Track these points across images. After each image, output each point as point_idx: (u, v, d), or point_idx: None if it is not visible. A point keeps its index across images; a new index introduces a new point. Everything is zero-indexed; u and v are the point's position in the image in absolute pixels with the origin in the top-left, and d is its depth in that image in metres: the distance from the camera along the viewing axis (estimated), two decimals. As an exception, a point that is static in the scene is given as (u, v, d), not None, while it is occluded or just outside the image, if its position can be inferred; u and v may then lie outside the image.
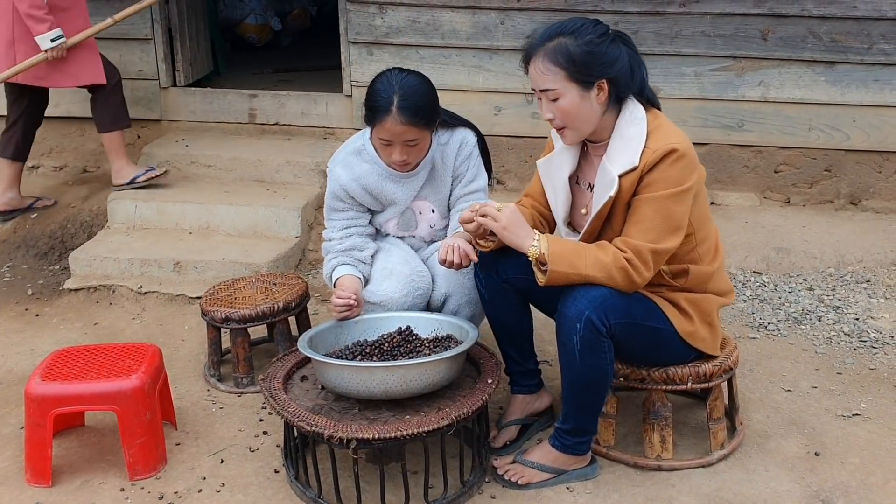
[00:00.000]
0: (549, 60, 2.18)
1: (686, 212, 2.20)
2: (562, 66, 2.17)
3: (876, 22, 4.03)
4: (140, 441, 2.42)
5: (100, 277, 3.71)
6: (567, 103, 2.19)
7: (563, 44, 2.18)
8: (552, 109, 2.22)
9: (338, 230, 2.69)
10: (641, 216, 2.18)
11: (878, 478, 2.39)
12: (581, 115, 2.21)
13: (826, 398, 2.80)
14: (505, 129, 4.41)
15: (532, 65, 2.22)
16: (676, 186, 2.16)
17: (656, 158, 2.15)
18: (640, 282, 2.18)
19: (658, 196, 2.16)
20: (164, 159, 4.34)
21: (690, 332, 2.32)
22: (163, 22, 4.59)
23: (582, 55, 2.17)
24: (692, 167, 2.19)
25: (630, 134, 2.21)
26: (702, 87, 4.22)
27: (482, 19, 4.30)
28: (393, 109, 2.43)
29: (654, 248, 2.16)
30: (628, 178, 2.19)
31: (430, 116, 2.50)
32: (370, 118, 2.51)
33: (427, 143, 2.57)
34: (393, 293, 2.59)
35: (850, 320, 3.30)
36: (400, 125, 2.44)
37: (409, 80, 2.48)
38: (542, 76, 2.19)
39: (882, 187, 4.27)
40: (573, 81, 2.17)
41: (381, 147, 2.55)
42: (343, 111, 4.57)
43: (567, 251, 2.19)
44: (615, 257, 2.17)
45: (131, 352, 2.57)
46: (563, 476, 2.38)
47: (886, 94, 4.12)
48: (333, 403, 2.32)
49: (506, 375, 2.61)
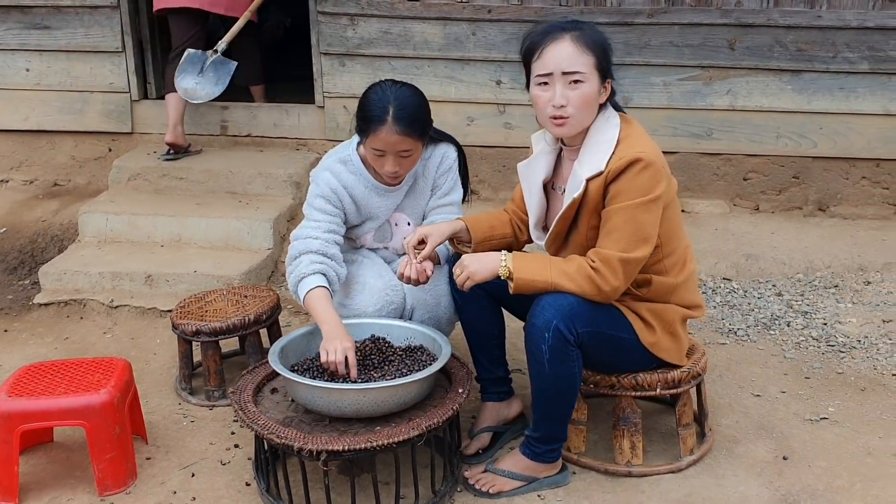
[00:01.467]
0: (583, 43, 2.17)
1: (656, 221, 2.22)
2: (594, 52, 2.18)
3: (840, 31, 4.10)
4: (109, 456, 2.40)
5: (70, 292, 3.68)
6: (589, 89, 2.19)
7: (590, 32, 2.20)
8: (568, 95, 2.19)
9: (322, 231, 2.56)
10: (611, 226, 2.20)
11: (844, 480, 2.42)
12: (591, 107, 2.23)
13: (794, 402, 2.83)
14: (478, 139, 4.44)
15: (554, 47, 2.18)
16: (644, 196, 2.18)
17: (621, 167, 2.17)
18: (608, 290, 2.20)
19: (626, 206, 2.18)
20: (135, 172, 4.32)
21: (652, 342, 2.34)
22: (133, 35, 4.58)
23: (608, 48, 2.22)
24: (659, 177, 2.21)
25: (603, 139, 2.24)
26: (671, 97, 4.27)
27: (453, 30, 4.33)
28: (388, 119, 2.43)
29: (623, 256, 2.18)
30: (595, 182, 2.21)
31: (423, 127, 2.51)
32: (364, 128, 2.49)
33: (419, 154, 2.57)
34: (367, 307, 2.59)
35: (819, 325, 3.34)
36: (395, 135, 2.44)
37: (403, 91, 2.49)
38: (576, 57, 2.17)
39: (849, 193, 4.33)
40: (598, 70, 2.20)
41: (374, 158, 2.53)
42: (315, 122, 4.57)
43: (533, 261, 2.23)
44: (580, 267, 2.20)
45: (100, 366, 2.55)
46: (534, 484, 2.39)
47: (852, 101, 4.19)
48: (304, 416, 2.32)
49: (477, 384, 2.62)
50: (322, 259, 2.52)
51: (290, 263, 2.55)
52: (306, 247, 2.53)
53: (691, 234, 3.99)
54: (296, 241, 2.56)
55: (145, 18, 4.65)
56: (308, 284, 2.48)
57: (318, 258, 2.52)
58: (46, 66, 4.64)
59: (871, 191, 4.32)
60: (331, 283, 2.52)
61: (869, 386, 2.93)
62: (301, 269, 2.50)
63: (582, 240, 2.28)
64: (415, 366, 2.36)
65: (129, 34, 4.55)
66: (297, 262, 2.53)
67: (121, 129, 4.69)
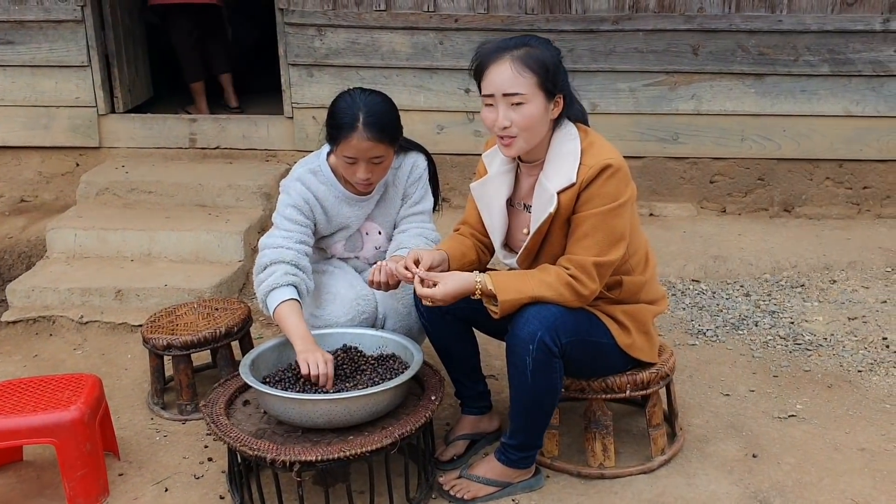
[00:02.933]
0: (522, 64, 2.15)
1: (626, 224, 2.24)
2: (535, 71, 2.16)
3: (801, 35, 4.18)
4: (80, 473, 2.38)
5: (39, 308, 3.64)
6: (532, 110, 2.17)
7: (535, 52, 2.18)
8: (511, 116, 2.18)
9: (294, 241, 2.55)
10: (583, 233, 2.21)
11: (812, 476, 2.46)
12: (537, 126, 2.21)
13: (763, 401, 2.88)
14: (448, 147, 4.46)
15: (495, 69, 2.17)
16: (614, 201, 2.20)
17: (592, 174, 2.19)
18: (587, 294, 2.22)
19: (598, 212, 2.19)
20: (103, 187, 4.29)
21: (629, 343, 2.37)
22: (99, 49, 4.55)
23: (554, 65, 2.19)
24: (627, 180, 2.24)
25: (565, 150, 2.24)
26: (637, 102, 4.32)
27: (421, 39, 4.35)
28: (359, 126, 2.43)
29: (597, 261, 2.20)
30: (566, 194, 2.22)
31: (394, 133, 2.52)
32: (334, 136, 2.49)
33: (391, 161, 2.57)
34: (338, 317, 2.59)
35: (786, 324, 3.40)
36: (366, 141, 2.44)
37: (372, 98, 2.50)
38: (515, 79, 2.15)
39: (813, 194, 4.41)
40: (541, 90, 2.17)
41: (345, 166, 2.52)
42: (284, 133, 4.57)
43: (511, 279, 2.23)
44: (558, 275, 2.21)
45: (70, 383, 2.53)
46: (508, 488, 2.40)
47: (814, 103, 4.27)
48: (276, 427, 2.31)
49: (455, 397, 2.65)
50: (295, 271, 2.51)
51: (260, 272, 2.53)
52: (279, 256, 2.52)
53: (660, 237, 4.06)
54: (267, 249, 2.55)
55: (111, 32, 4.62)
56: (279, 296, 2.47)
57: (291, 269, 2.51)
58: (11, 82, 4.60)
59: (834, 191, 4.40)
60: (301, 296, 2.51)
61: (835, 383, 2.98)
62: (273, 280, 2.49)
63: (555, 250, 2.29)
64: (387, 374, 2.37)
65: (94, 48, 4.53)
66: (269, 272, 2.51)
67: (88, 143, 4.66)
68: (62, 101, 4.60)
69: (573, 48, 4.24)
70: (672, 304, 3.58)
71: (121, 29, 4.71)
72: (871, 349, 3.18)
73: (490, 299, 2.23)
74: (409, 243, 2.66)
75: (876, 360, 3.11)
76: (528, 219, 2.36)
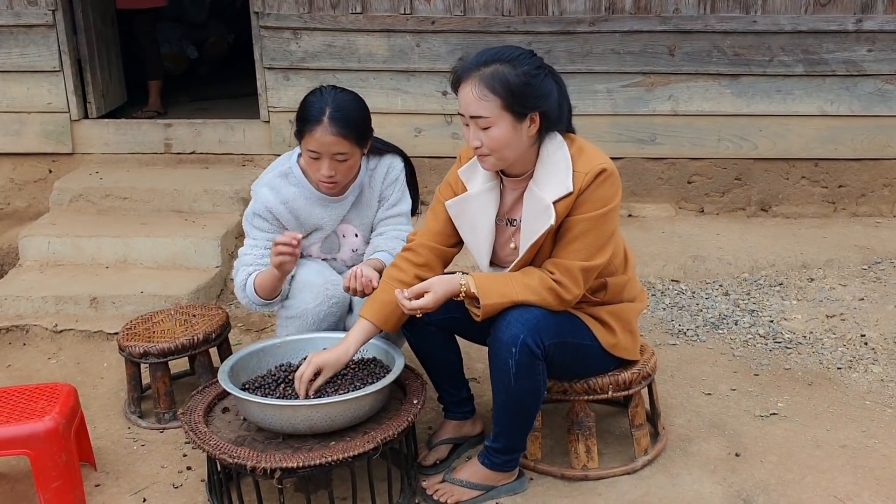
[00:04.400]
0: (485, 87, 2.10)
1: (614, 228, 2.23)
2: (499, 94, 2.10)
3: (775, 35, 4.21)
4: (56, 485, 2.33)
5: (12, 318, 3.58)
6: (499, 133, 2.13)
7: (500, 71, 2.11)
8: (480, 137, 2.15)
9: (259, 248, 2.61)
10: (573, 236, 2.19)
11: (794, 474, 2.47)
12: (510, 146, 2.16)
13: (745, 399, 2.88)
14: (426, 149, 4.44)
15: (464, 89, 2.14)
16: (605, 206, 2.18)
17: (588, 181, 2.16)
18: (570, 299, 2.20)
19: (588, 217, 2.17)
20: (77, 193, 4.23)
21: (613, 343, 2.36)
22: (71, 53, 4.49)
23: (520, 85, 2.11)
24: (618, 185, 2.22)
25: (556, 160, 2.20)
26: (614, 104, 4.33)
27: (398, 42, 4.33)
28: (324, 119, 2.42)
29: (584, 265, 2.18)
30: (563, 203, 2.18)
31: (360, 132, 2.49)
32: (300, 130, 2.49)
33: (357, 162, 2.55)
34: (307, 304, 2.57)
35: (765, 323, 3.41)
36: (330, 135, 2.43)
37: (342, 95, 2.49)
38: (477, 102, 2.11)
39: (790, 193, 4.44)
40: (508, 111, 2.12)
41: (310, 162, 2.51)
42: (261, 137, 4.53)
43: (495, 282, 2.21)
44: (541, 279, 2.19)
45: (44, 393, 2.48)
46: (492, 492, 2.38)
47: (789, 103, 4.30)
48: (257, 434, 2.28)
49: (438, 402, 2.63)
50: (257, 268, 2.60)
51: (241, 290, 2.62)
52: (241, 265, 2.64)
53: (638, 237, 4.07)
54: (240, 267, 2.64)
55: (83, 36, 4.56)
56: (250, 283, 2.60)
57: (253, 267, 2.61)
58: (-19, 88, 4.53)
59: (810, 190, 4.43)
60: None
61: (815, 380, 2.99)
62: (241, 279, 2.61)
63: (546, 257, 2.26)
64: (368, 378, 2.34)
65: (66, 53, 4.46)
66: (236, 277, 2.64)
67: (61, 149, 4.59)
68: (34, 106, 4.53)
69: (550, 49, 4.24)
70: (652, 305, 3.58)
71: (93, 33, 4.66)
72: (849, 346, 3.20)
73: (472, 301, 2.21)
74: (386, 246, 2.65)
75: (855, 357, 3.13)
76: (512, 233, 2.33)
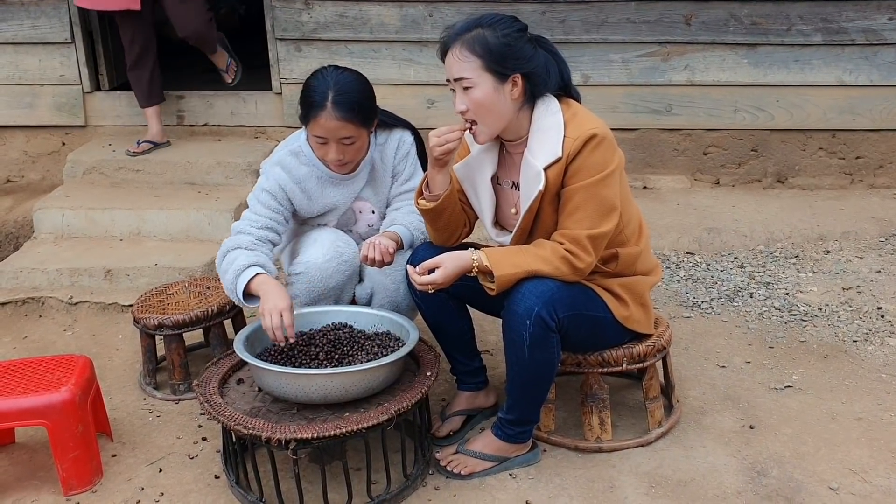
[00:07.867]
0: (466, 49, 2.17)
1: (616, 193, 2.22)
2: (478, 55, 2.16)
3: (793, 4, 4.14)
4: (73, 455, 2.36)
5: (28, 290, 3.60)
6: (480, 94, 2.17)
7: (481, 34, 2.17)
8: (465, 100, 2.20)
9: (257, 227, 2.50)
10: (573, 206, 2.19)
11: (809, 447, 2.46)
12: (493, 109, 2.19)
13: (759, 372, 2.87)
14: (438, 121, 4.39)
15: (449, 54, 2.21)
16: (602, 171, 2.18)
17: (578, 146, 2.16)
18: (584, 268, 2.20)
19: (587, 184, 2.17)
20: (90, 166, 4.23)
21: (626, 316, 2.35)
22: (83, 25, 4.47)
23: (499, 46, 2.16)
24: (613, 149, 2.21)
25: (547, 125, 2.21)
26: (630, 74, 4.28)
27: (410, 12, 4.29)
28: (328, 105, 2.39)
29: (590, 233, 2.18)
30: (553, 169, 2.19)
31: (366, 113, 2.46)
32: (305, 115, 2.46)
33: (364, 142, 2.52)
34: (315, 258, 2.51)
35: (781, 295, 3.39)
36: (335, 120, 2.40)
37: (344, 77, 2.44)
38: (458, 63, 2.18)
39: (806, 165, 4.39)
40: (488, 72, 2.16)
41: (317, 146, 2.49)
42: (273, 109, 4.51)
43: (507, 254, 2.21)
44: (553, 249, 2.19)
45: (60, 364, 2.50)
46: (505, 463, 2.39)
47: (806, 73, 4.24)
48: (271, 405, 2.29)
49: (451, 373, 2.63)
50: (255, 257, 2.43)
51: (221, 259, 2.46)
52: (235, 243, 2.46)
53: (654, 209, 4.04)
54: (232, 235, 2.49)
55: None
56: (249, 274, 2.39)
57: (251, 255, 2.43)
58: (-7, 60, 4.53)
59: (827, 161, 4.38)
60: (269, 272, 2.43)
61: (831, 353, 2.97)
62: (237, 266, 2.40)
63: (548, 226, 2.26)
64: (383, 351, 2.35)
65: (77, 24, 4.44)
66: (226, 253, 2.46)
67: (74, 122, 4.59)
68: (46, 79, 4.52)
69: (564, 19, 4.19)
70: (667, 277, 3.56)
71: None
72: (865, 319, 3.18)
73: (486, 276, 2.21)
74: (403, 220, 2.63)
75: (871, 329, 3.10)
76: (515, 196, 2.33)
